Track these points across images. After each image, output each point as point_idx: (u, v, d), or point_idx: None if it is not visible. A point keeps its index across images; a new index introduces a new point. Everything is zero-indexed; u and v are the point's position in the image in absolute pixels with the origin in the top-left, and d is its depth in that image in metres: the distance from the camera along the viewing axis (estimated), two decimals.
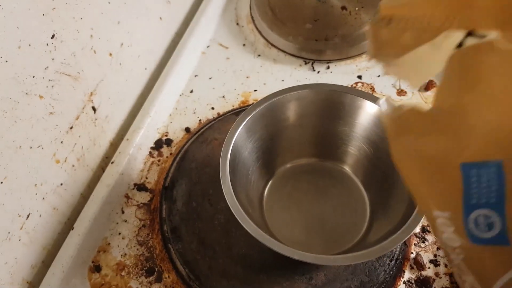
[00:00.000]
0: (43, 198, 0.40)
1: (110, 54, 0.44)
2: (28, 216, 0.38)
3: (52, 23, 0.35)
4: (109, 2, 0.42)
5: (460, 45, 0.18)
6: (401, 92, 0.54)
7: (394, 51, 0.20)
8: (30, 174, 0.37)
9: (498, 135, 0.17)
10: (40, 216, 0.40)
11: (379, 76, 0.56)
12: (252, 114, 0.40)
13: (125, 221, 0.45)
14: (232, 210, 0.34)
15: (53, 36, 0.35)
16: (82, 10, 0.38)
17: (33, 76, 0.34)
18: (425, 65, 0.19)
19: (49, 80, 0.36)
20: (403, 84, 0.54)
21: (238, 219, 0.34)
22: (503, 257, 0.18)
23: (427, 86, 0.54)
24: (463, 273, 0.19)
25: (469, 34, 0.17)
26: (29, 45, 0.33)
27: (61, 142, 0.40)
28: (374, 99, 0.40)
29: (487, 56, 0.16)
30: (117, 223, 0.45)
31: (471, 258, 0.19)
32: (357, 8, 0.60)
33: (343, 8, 0.60)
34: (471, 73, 0.17)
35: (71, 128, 0.41)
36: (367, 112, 0.41)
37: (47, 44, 0.35)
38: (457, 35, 0.17)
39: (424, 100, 0.53)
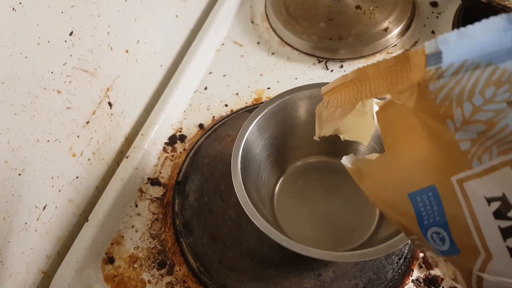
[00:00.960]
0: (59, 191, 0.41)
1: (127, 51, 0.45)
2: (44, 208, 0.40)
3: (70, 20, 0.36)
4: (126, 0, 0.43)
5: None
6: None
7: (331, 125, 0.26)
8: (47, 166, 0.38)
9: (426, 166, 0.21)
10: (56, 208, 0.41)
11: None
12: (264, 112, 0.40)
13: (139, 214, 0.46)
14: (242, 205, 0.35)
15: (71, 33, 0.36)
16: (99, 7, 0.39)
17: (52, 72, 0.35)
18: (362, 126, 0.25)
19: (67, 75, 0.37)
20: None
21: (248, 214, 0.34)
22: (461, 262, 0.22)
23: None
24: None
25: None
26: (48, 42, 0.34)
27: (78, 136, 0.41)
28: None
29: (389, 110, 0.22)
30: (131, 216, 0.46)
31: (451, 263, 0.23)
32: (371, 8, 0.60)
33: (358, 7, 0.60)
34: (386, 123, 0.23)
35: (87, 122, 0.42)
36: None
37: (65, 41, 0.36)
38: (370, 101, 0.23)
39: None
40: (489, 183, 0.19)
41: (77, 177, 0.43)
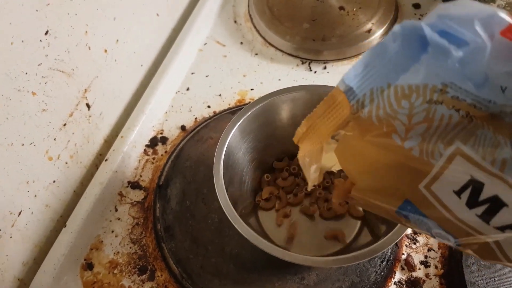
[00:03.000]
0: (35, 195, 0.39)
1: (105, 51, 0.44)
2: (20, 214, 0.38)
3: (46, 19, 0.34)
4: None
5: None
6: None
7: (315, 170, 0.29)
8: (22, 171, 0.37)
9: (395, 186, 0.23)
10: (32, 213, 0.40)
11: None
12: (247, 115, 0.39)
13: (119, 219, 0.45)
14: (225, 211, 0.34)
15: (46, 32, 0.35)
16: (76, 6, 0.38)
17: (26, 73, 0.34)
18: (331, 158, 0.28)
19: (42, 76, 0.36)
20: None
21: (231, 220, 0.34)
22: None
23: None
24: None
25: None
26: (22, 41, 0.33)
27: (54, 139, 0.40)
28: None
29: (344, 146, 0.26)
30: (110, 221, 0.45)
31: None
32: (354, 9, 0.60)
33: (341, 8, 0.60)
34: (346, 159, 0.26)
35: (64, 125, 0.41)
36: None
37: (40, 40, 0.35)
38: (329, 142, 0.27)
39: None
40: (451, 178, 0.20)
41: (54, 181, 0.42)
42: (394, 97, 0.21)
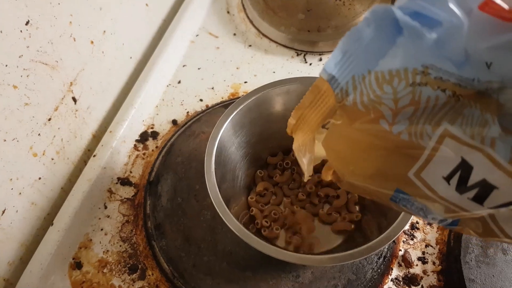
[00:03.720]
0: (20, 193, 0.38)
1: (92, 42, 0.42)
2: (3, 212, 0.37)
3: (26, 9, 0.33)
4: None
5: None
6: None
7: (309, 161, 0.28)
8: (4, 168, 0.35)
9: (385, 174, 0.23)
10: (17, 211, 0.38)
11: None
12: (239, 108, 0.38)
13: (108, 216, 0.44)
14: (216, 208, 0.33)
15: (27, 23, 0.33)
16: None
17: (6, 65, 0.32)
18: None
19: (24, 69, 0.34)
20: None
21: (222, 217, 0.32)
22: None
23: None
24: None
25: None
26: (1, 32, 0.31)
27: (39, 134, 0.38)
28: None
29: (332, 136, 0.25)
30: (100, 218, 0.44)
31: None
32: None
33: None
34: (334, 150, 0.25)
35: (49, 119, 0.39)
36: None
37: (21, 31, 0.33)
38: (320, 131, 0.26)
39: None
40: (440, 162, 0.20)
41: (39, 178, 0.40)
42: (376, 83, 0.20)
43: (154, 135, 0.49)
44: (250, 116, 0.39)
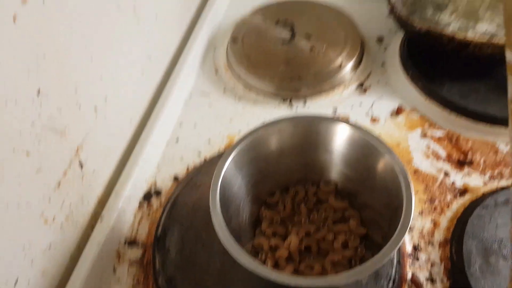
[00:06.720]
0: (32, 261, 0.38)
1: (95, 108, 0.45)
2: (16, 282, 0.36)
3: (37, 80, 0.35)
4: (91, 59, 0.43)
5: None
6: (374, 120, 0.56)
7: None
8: (18, 235, 0.36)
9: None
10: (28, 282, 0.38)
11: (352, 106, 0.58)
12: (238, 148, 0.40)
13: (118, 280, 0.43)
14: (223, 243, 0.34)
15: (38, 92, 0.36)
16: (66, 66, 0.39)
17: (20, 132, 0.34)
18: None
19: (36, 135, 0.36)
20: (376, 112, 0.57)
21: (230, 251, 0.33)
22: None
23: (397, 111, 0.57)
24: None
25: None
26: (16, 101, 0.33)
27: (49, 200, 0.39)
28: (346, 123, 0.42)
29: None
30: (110, 283, 0.43)
31: None
32: (324, 48, 0.64)
33: (312, 49, 0.64)
34: None
35: (58, 185, 0.40)
36: (342, 135, 0.42)
37: (33, 100, 0.35)
38: None
39: (396, 125, 0.55)
40: None
41: (50, 245, 0.40)
42: None
43: (158, 193, 0.50)
44: (249, 156, 0.42)
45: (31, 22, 0.34)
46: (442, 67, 0.59)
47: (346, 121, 0.42)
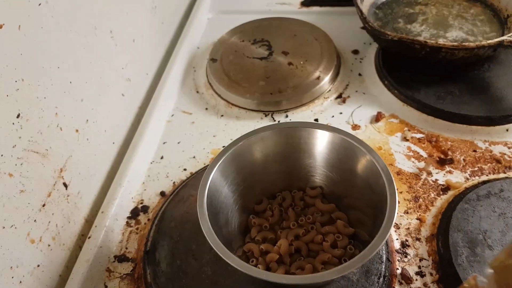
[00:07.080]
0: (20, 282, 0.38)
1: (77, 131, 0.46)
2: None
3: (16, 103, 0.37)
4: (70, 82, 0.45)
5: None
6: (355, 127, 0.58)
7: None
8: (4, 256, 0.36)
9: None
10: None
11: (333, 116, 0.60)
12: (224, 157, 0.41)
13: None
14: (213, 246, 0.34)
15: (18, 116, 0.37)
16: (44, 89, 0.41)
17: (1, 155, 0.35)
18: None
19: (18, 158, 0.37)
20: (356, 120, 0.58)
21: (221, 255, 0.34)
22: None
23: (377, 118, 0.58)
24: None
25: None
26: None
27: (34, 220, 0.40)
28: (326, 128, 0.43)
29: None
30: None
31: None
32: (301, 62, 0.66)
33: (290, 63, 0.66)
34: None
35: (43, 205, 0.41)
36: (323, 139, 0.43)
37: (13, 123, 0.36)
38: None
39: (377, 130, 0.57)
40: None
41: (38, 266, 0.40)
42: None
43: (145, 209, 0.51)
44: (234, 165, 0.42)
45: (8, 47, 0.36)
46: (417, 73, 0.61)
47: (326, 125, 0.43)
